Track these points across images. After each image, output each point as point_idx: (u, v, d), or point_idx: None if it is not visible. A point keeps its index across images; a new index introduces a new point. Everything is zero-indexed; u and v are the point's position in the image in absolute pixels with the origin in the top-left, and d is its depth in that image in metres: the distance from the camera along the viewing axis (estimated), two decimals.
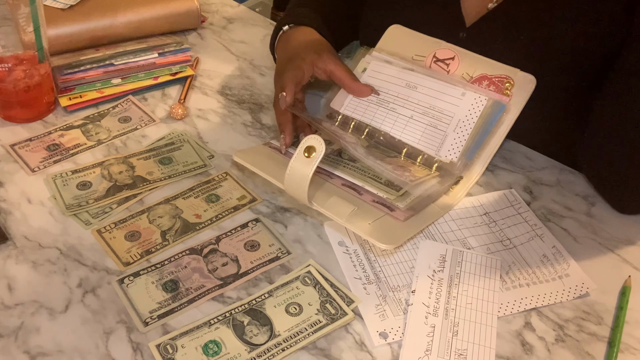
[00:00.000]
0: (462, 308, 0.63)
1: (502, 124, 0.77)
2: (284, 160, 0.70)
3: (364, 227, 0.64)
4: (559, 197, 0.78)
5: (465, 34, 0.83)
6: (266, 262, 0.67)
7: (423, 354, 0.59)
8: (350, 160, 0.75)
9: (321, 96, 0.91)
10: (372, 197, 0.69)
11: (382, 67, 0.82)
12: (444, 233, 0.71)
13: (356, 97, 0.80)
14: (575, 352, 0.61)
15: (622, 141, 0.72)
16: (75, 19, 0.94)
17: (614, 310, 0.65)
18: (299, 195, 0.65)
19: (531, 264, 0.68)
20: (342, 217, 0.64)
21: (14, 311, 0.61)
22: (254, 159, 0.71)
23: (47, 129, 0.83)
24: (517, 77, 0.77)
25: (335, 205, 0.66)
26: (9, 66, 0.80)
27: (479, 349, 0.59)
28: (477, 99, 0.76)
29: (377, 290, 0.64)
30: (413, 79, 0.79)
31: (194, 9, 1.03)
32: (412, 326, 0.61)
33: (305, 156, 0.63)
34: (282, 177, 0.66)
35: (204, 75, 0.96)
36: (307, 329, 0.60)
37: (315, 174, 0.63)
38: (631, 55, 0.71)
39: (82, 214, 0.71)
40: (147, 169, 0.77)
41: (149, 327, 0.60)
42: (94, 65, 0.89)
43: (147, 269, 0.65)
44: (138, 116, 0.86)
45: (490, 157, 0.78)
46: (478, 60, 0.79)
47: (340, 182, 0.71)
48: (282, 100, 0.73)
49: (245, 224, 0.71)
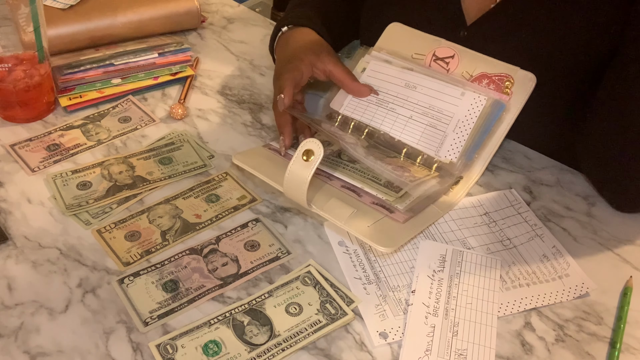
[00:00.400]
0: (462, 308, 0.63)
1: (502, 123, 0.77)
2: (284, 162, 0.70)
3: (363, 229, 0.64)
4: (559, 197, 0.78)
5: (466, 33, 0.83)
6: (266, 262, 0.67)
7: (423, 354, 0.59)
8: (350, 162, 0.75)
9: (320, 96, 0.91)
10: (372, 198, 0.69)
11: (381, 67, 0.82)
12: (444, 233, 0.71)
13: (355, 98, 0.80)
14: (575, 352, 0.61)
15: (620, 137, 0.72)
16: (75, 19, 0.94)
17: (615, 311, 0.65)
18: (298, 199, 0.65)
19: (531, 264, 0.68)
20: (341, 220, 0.64)
21: (14, 311, 0.61)
22: (253, 162, 0.71)
23: (47, 129, 0.83)
24: (517, 76, 0.77)
25: (335, 207, 0.66)
26: (9, 66, 0.80)
27: (479, 349, 0.59)
28: (477, 98, 0.75)
29: (377, 290, 0.64)
30: (412, 78, 0.79)
31: (194, 9, 1.03)
32: (412, 326, 0.61)
33: (304, 160, 0.63)
34: (281, 179, 0.66)
35: (204, 75, 0.96)
36: (307, 329, 0.60)
37: (314, 175, 0.63)
38: (628, 48, 0.71)
39: (82, 214, 0.71)
40: (147, 169, 0.77)
41: (149, 327, 0.60)
42: (94, 65, 0.89)
43: (147, 268, 0.65)
44: (138, 116, 0.86)
45: (490, 157, 0.78)
46: (478, 58, 0.79)
47: (340, 184, 0.71)
48: (281, 102, 0.73)
49: (245, 224, 0.71)
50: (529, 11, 0.79)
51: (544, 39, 0.79)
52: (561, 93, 0.81)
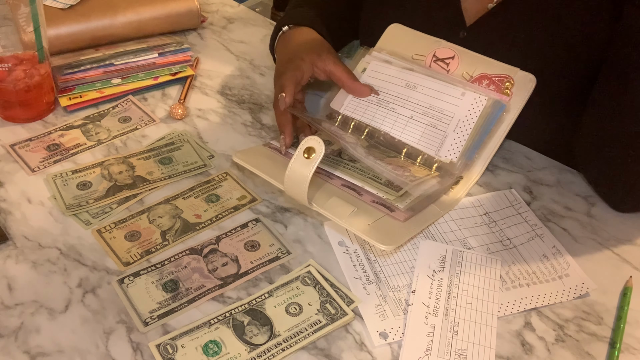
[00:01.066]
0: (462, 308, 0.63)
1: (502, 124, 0.77)
2: (284, 160, 0.70)
3: (363, 227, 0.63)
4: (559, 197, 0.78)
5: (465, 33, 0.83)
6: (266, 262, 0.67)
7: (423, 354, 0.59)
8: (350, 161, 0.75)
9: (321, 96, 0.91)
10: (372, 197, 0.69)
11: (381, 67, 0.82)
12: (444, 233, 0.71)
13: (356, 97, 0.80)
14: (575, 352, 0.61)
15: (616, 136, 0.72)
16: (75, 19, 0.94)
17: (615, 311, 0.65)
18: (299, 196, 0.65)
19: (531, 264, 0.68)
20: (342, 218, 0.64)
21: (14, 311, 0.61)
22: (254, 160, 0.71)
23: (47, 129, 0.83)
24: (517, 77, 0.77)
25: (335, 206, 0.66)
26: (9, 66, 0.80)
27: (479, 348, 0.59)
28: (477, 98, 0.75)
29: (377, 290, 0.64)
30: (413, 79, 0.79)
31: (194, 9, 1.03)
32: (412, 326, 0.61)
33: (304, 157, 0.63)
34: (281, 178, 0.66)
35: (204, 75, 0.96)
36: (307, 329, 0.60)
37: (315, 174, 0.63)
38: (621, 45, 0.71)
39: (82, 214, 0.71)
40: (147, 169, 0.77)
41: (149, 327, 0.60)
42: (94, 65, 0.89)
43: (147, 269, 0.65)
44: (138, 116, 0.86)
45: (490, 157, 0.78)
46: (478, 59, 0.79)
47: (340, 183, 0.71)
48: (282, 101, 0.73)
49: (245, 224, 0.71)
50: (527, 12, 0.79)
51: (543, 40, 0.79)
52: (560, 92, 0.81)
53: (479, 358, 0.59)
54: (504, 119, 0.77)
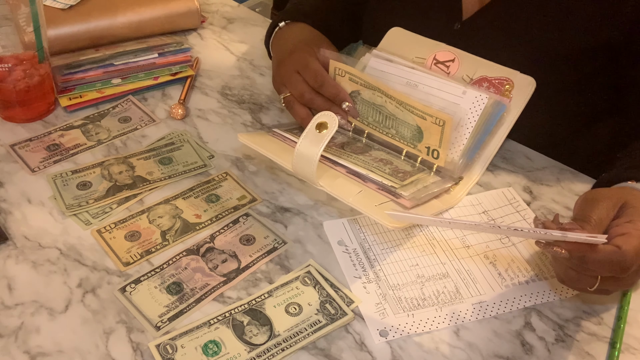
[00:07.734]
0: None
1: (503, 125, 0.77)
2: (289, 147, 0.70)
3: (370, 207, 0.63)
4: (559, 197, 0.78)
5: (459, 25, 0.83)
6: (264, 254, 0.67)
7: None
8: (353, 152, 0.75)
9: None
10: (377, 185, 0.69)
11: (382, 65, 0.82)
12: (442, 230, 0.71)
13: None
14: (575, 352, 0.60)
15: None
16: (75, 19, 0.94)
17: (615, 311, 0.65)
18: (307, 174, 0.65)
19: (530, 262, 0.68)
20: (349, 197, 0.64)
21: (14, 311, 0.61)
22: (259, 141, 0.71)
23: (47, 129, 0.83)
24: (516, 79, 0.77)
25: (342, 185, 0.66)
26: (9, 66, 0.80)
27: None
28: (478, 97, 0.75)
29: (377, 289, 0.64)
30: (414, 77, 0.79)
31: (194, 9, 1.03)
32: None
33: (316, 132, 0.63)
34: (287, 158, 0.65)
35: (204, 75, 0.96)
36: (306, 329, 0.60)
37: (319, 161, 0.63)
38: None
39: (82, 214, 0.71)
40: (147, 169, 0.77)
41: (162, 330, 0.59)
42: (94, 65, 0.89)
43: (147, 274, 0.65)
44: (138, 116, 0.86)
45: (491, 158, 0.78)
46: (478, 62, 0.79)
47: (345, 171, 0.71)
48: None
49: (236, 220, 0.71)
50: (524, 8, 0.79)
51: (540, 37, 0.78)
52: (559, 91, 0.81)
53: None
54: (505, 119, 0.77)
